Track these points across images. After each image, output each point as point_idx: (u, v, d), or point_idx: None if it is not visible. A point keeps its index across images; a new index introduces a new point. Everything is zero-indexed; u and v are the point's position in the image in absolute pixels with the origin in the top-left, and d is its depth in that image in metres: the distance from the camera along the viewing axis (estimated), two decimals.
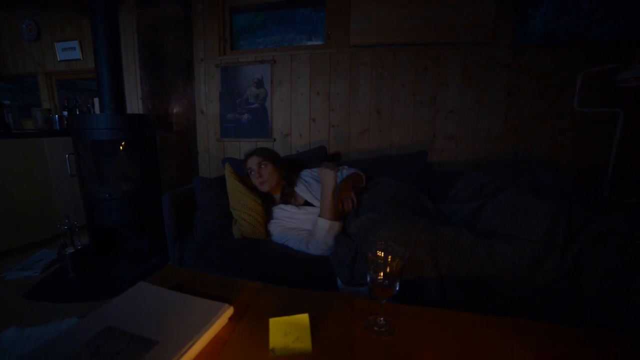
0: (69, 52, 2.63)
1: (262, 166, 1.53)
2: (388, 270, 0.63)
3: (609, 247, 0.92)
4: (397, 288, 0.64)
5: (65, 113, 2.66)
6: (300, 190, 1.56)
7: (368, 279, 0.65)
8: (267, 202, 1.58)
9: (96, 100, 2.56)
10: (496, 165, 1.80)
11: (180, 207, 1.57)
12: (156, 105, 2.33)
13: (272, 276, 1.29)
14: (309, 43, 2.45)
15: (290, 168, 1.69)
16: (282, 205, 1.54)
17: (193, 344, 0.58)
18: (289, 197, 1.56)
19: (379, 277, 0.63)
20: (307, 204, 1.53)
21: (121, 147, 1.96)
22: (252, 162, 1.53)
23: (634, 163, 1.81)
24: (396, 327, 0.66)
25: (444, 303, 0.94)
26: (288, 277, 1.28)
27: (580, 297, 0.90)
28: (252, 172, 1.53)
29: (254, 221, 1.46)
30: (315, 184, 1.58)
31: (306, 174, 1.69)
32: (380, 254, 0.67)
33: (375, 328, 0.66)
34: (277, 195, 1.60)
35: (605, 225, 0.95)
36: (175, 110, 2.47)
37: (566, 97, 1.88)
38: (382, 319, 0.67)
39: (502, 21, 1.92)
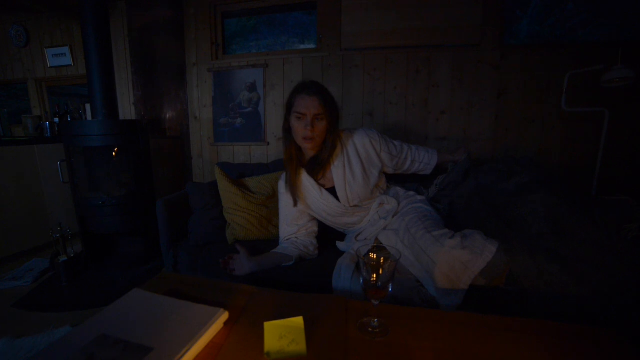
0: (59, 58, 2.61)
1: (318, 119, 1.13)
2: (381, 272, 0.64)
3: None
4: (390, 289, 0.65)
5: (57, 119, 2.64)
6: (337, 172, 1.21)
7: (361, 280, 0.66)
8: (296, 160, 1.23)
9: (88, 106, 2.54)
10: (489, 165, 1.82)
11: (174, 213, 1.57)
12: (149, 110, 2.32)
13: (267, 279, 1.29)
14: (302, 46, 2.46)
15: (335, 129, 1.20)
16: (306, 175, 1.24)
17: (188, 349, 0.59)
18: (318, 168, 1.22)
19: (372, 279, 0.64)
20: (332, 191, 1.24)
21: (114, 153, 1.95)
22: (310, 106, 1.11)
23: (620, 162, 1.85)
24: (390, 327, 0.67)
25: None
26: (283, 279, 1.28)
27: (576, 293, 0.92)
28: (302, 119, 1.12)
29: (246, 223, 1.46)
30: (360, 176, 1.21)
31: (360, 146, 1.24)
32: (373, 256, 0.68)
33: (369, 329, 0.67)
34: (308, 155, 1.25)
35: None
36: (168, 115, 2.46)
37: (554, 97, 1.92)
38: (375, 320, 0.68)
39: (490, 23, 1.96)
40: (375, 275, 0.64)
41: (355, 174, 1.21)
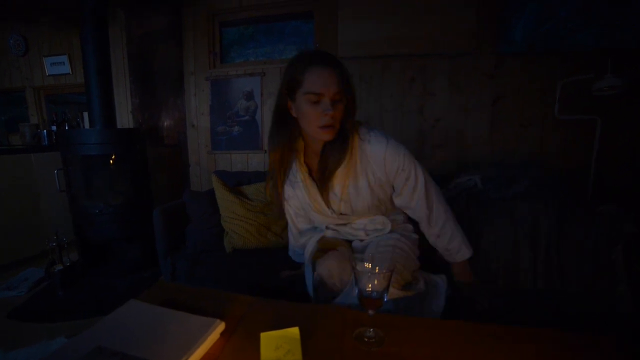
0: (57, 66, 2.62)
1: (337, 101, 0.88)
2: (376, 282, 0.65)
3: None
4: (385, 299, 0.66)
5: (54, 128, 2.64)
6: (340, 175, 0.95)
7: (356, 290, 0.67)
8: (287, 158, 0.98)
9: (85, 114, 2.55)
10: (486, 172, 1.84)
11: (171, 221, 1.57)
12: (147, 118, 2.33)
13: (266, 288, 1.29)
14: None
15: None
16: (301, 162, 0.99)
17: None
18: (327, 177, 0.95)
19: (367, 289, 0.65)
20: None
21: (111, 162, 1.95)
22: (330, 83, 0.85)
23: (614, 168, 1.87)
24: (386, 337, 0.67)
25: None
26: (282, 289, 1.28)
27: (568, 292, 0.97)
28: (319, 102, 0.86)
29: (244, 232, 1.47)
30: (367, 193, 0.96)
31: (372, 157, 0.94)
32: (368, 265, 0.68)
33: (365, 339, 0.67)
34: (315, 147, 0.98)
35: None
36: (165, 124, 2.47)
37: (548, 104, 1.94)
38: (371, 330, 0.68)
39: (484, 31, 1.99)
40: (370, 286, 0.65)
41: (359, 187, 0.96)
